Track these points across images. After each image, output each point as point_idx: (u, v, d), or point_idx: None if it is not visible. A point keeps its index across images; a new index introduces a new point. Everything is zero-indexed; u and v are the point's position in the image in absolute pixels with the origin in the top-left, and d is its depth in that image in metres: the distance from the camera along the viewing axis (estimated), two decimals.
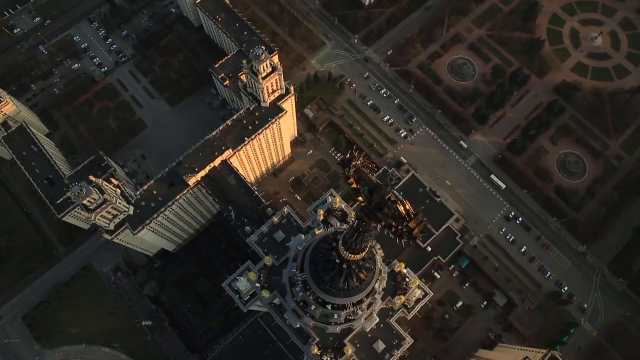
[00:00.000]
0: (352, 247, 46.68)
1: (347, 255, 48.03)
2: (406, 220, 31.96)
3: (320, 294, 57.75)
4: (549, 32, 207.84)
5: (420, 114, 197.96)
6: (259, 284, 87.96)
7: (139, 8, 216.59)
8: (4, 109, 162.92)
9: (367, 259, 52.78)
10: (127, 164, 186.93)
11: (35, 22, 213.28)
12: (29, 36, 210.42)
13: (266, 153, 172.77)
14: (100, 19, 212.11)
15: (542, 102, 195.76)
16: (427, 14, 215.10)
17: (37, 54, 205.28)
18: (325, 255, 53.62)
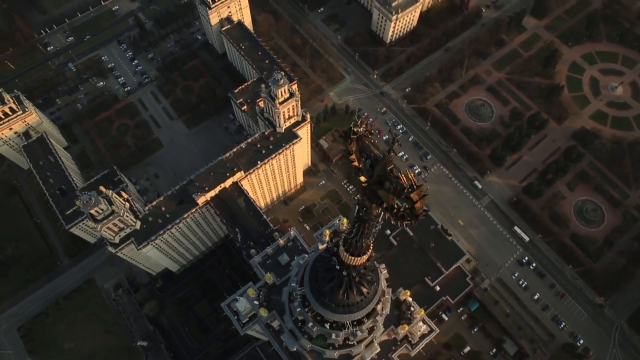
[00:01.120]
0: (353, 246, 44.46)
1: (348, 257, 45.75)
2: (409, 191, 29.99)
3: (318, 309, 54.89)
4: (568, 79, 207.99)
5: (435, 151, 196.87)
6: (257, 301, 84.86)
7: (167, 33, 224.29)
8: (27, 119, 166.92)
9: (368, 268, 50.28)
10: (140, 182, 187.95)
11: (68, 42, 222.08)
12: (60, 54, 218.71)
13: (278, 179, 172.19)
14: (129, 42, 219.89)
15: (559, 147, 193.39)
16: (447, 55, 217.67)
17: (66, 70, 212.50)
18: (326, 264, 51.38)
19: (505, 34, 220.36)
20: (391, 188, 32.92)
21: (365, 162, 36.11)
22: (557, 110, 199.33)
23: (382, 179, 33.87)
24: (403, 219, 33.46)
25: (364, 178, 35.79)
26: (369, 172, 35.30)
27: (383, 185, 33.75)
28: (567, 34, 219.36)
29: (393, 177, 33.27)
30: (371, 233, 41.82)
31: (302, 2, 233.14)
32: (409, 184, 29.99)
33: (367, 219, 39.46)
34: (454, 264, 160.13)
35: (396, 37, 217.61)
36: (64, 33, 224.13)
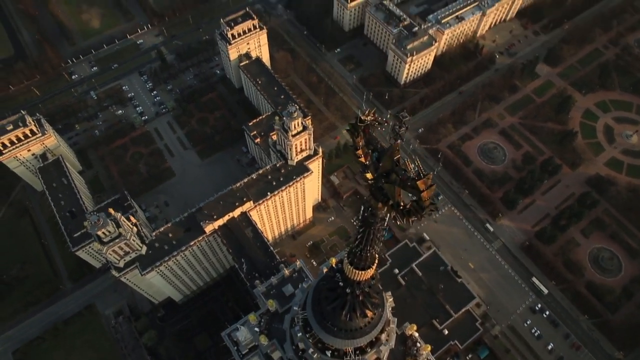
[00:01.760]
0: (357, 257, 42.88)
1: (353, 271, 44.06)
2: (415, 179, 28.87)
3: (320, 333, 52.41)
4: (582, 125, 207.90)
5: (447, 192, 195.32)
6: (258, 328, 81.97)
7: (187, 67, 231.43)
8: (45, 142, 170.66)
9: (373, 288, 48.23)
10: (150, 209, 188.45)
11: (92, 71, 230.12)
12: (84, 82, 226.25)
13: (287, 212, 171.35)
14: (150, 73, 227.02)
15: (573, 193, 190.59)
16: (461, 97, 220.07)
17: (87, 98, 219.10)
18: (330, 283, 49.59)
19: (519, 79, 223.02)
20: (397, 180, 31.99)
21: (372, 155, 35.39)
22: (570, 155, 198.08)
23: (389, 170, 33.00)
24: (409, 215, 32.31)
25: (371, 175, 34.98)
26: (376, 166, 34.51)
27: (389, 178, 32.86)
28: (580, 82, 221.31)
29: (399, 169, 32.42)
30: (377, 240, 40.47)
31: (320, 42, 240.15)
32: (415, 172, 29.10)
33: (372, 221, 38.29)
34: (463, 307, 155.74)
35: (410, 78, 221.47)
36: (89, 63, 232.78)
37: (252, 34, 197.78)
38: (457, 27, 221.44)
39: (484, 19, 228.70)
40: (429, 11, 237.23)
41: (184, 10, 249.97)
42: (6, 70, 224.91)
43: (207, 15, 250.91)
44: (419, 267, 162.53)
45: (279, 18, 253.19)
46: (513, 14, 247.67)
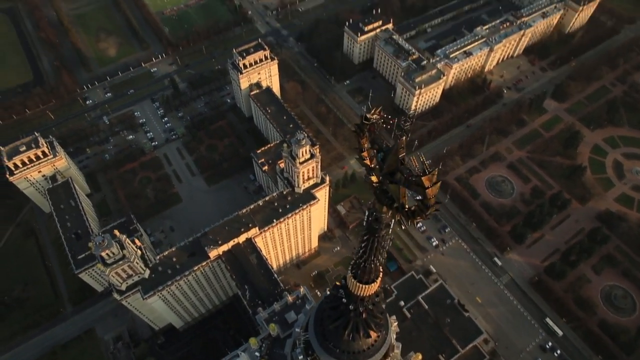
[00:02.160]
0: (362, 270, 41.76)
1: (356, 286, 42.84)
2: (419, 175, 28.20)
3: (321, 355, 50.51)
4: (590, 160, 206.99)
5: (454, 224, 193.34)
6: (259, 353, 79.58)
7: (199, 95, 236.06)
8: (56, 164, 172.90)
9: (377, 306, 46.78)
10: (155, 234, 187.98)
11: (106, 97, 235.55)
12: (97, 107, 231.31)
13: (292, 240, 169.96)
14: (162, 100, 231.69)
15: (583, 228, 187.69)
16: (468, 131, 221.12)
17: (100, 123, 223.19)
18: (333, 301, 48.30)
19: (526, 114, 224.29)
20: (402, 179, 31.48)
21: (377, 155, 35.03)
22: (579, 190, 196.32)
23: (394, 170, 32.56)
24: (414, 216, 31.59)
25: (375, 178, 34.52)
26: (381, 167, 34.10)
27: (394, 177, 32.37)
28: (588, 117, 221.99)
29: (405, 168, 31.98)
30: (381, 249, 39.56)
31: (330, 74, 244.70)
32: (420, 168, 28.62)
33: (377, 227, 37.53)
34: (470, 343, 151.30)
35: (418, 111, 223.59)
36: (104, 89, 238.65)
37: (264, 64, 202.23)
38: (465, 61, 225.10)
39: (492, 54, 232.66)
40: (437, 46, 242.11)
41: (198, 40, 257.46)
42: (24, 94, 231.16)
43: (220, 46, 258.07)
44: (425, 299, 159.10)
45: (290, 50, 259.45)
46: (520, 50, 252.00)
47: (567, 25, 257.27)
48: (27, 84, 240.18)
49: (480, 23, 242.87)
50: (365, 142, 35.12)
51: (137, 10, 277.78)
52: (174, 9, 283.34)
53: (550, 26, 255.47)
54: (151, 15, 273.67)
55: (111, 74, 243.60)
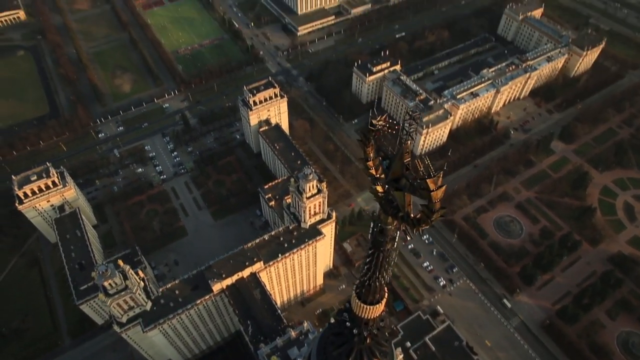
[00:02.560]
0: (366, 289, 40.43)
1: (361, 307, 41.40)
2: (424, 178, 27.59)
3: None
4: (600, 202, 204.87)
5: (461, 264, 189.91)
6: None
7: (208, 131, 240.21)
8: (65, 194, 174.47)
9: (382, 331, 44.96)
10: (159, 267, 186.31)
11: (118, 131, 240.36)
12: (109, 141, 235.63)
13: (297, 276, 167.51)
14: (173, 135, 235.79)
15: (595, 271, 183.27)
16: (476, 171, 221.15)
17: (110, 155, 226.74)
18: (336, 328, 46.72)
19: (534, 155, 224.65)
20: (407, 184, 31.03)
21: (382, 163, 34.76)
22: (590, 232, 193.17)
23: (399, 176, 32.17)
24: (419, 224, 30.89)
25: (381, 188, 34.14)
26: (386, 174, 33.75)
27: (399, 183, 31.93)
28: (596, 159, 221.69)
29: (410, 173, 31.61)
30: (386, 265, 38.50)
31: (338, 113, 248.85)
32: (425, 171, 28.18)
33: (382, 240, 36.73)
34: None
35: (425, 150, 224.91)
36: (116, 123, 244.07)
37: (273, 101, 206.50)
38: (472, 102, 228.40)
39: (498, 96, 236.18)
40: (444, 87, 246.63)
41: (210, 78, 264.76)
42: (39, 126, 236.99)
43: (231, 84, 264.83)
44: (432, 341, 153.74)
45: (299, 89, 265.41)
46: (526, 93, 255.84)
47: (572, 69, 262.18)
48: (43, 117, 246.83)
49: (486, 66, 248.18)
50: (371, 151, 35.20)
51: (153, 49, 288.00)
52: (189, 48, 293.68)
53: (555, 70, 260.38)
54: (166, 54, 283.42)
55: (124, 109, 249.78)
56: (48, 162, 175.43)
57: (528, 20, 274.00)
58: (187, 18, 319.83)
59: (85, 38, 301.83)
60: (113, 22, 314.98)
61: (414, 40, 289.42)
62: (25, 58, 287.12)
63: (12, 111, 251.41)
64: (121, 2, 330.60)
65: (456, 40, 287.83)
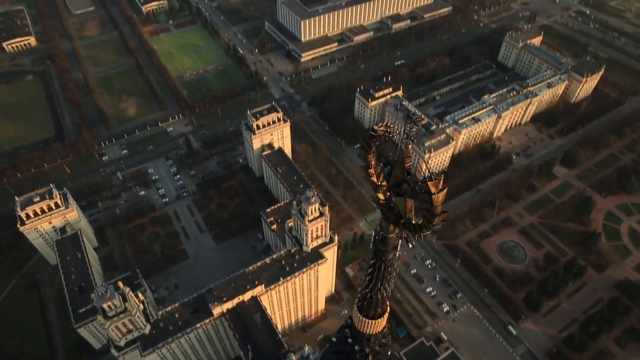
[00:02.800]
0: (368, 302, 39.71)
1: (362, 321, 40.58)
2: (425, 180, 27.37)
3: None
4: (605, 227, 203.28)
5: (465, 290, 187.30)
6: None
7: (211, 154, 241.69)
8: (67, 215, 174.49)
9: (384, 348, 43.87)
10: (159, 290, 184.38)
11: (122, 154, 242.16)
12: (112, 164, 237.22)
13: (299, 301, 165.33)
14: (176, 159, 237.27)
15: (602, 297, 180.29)
16: (478, 195, 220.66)
17: (114, 178, 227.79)
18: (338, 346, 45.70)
19: (536, 180, 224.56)
20: (409, 189, 30.92)
21: (384, 169, 34.73)
22: (595, 258, 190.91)
23: (400, 181, 32.06)
24: (421, 229, 30.59)
25: (382, 196, 34.03)
26: (387, 179, 33.69)
27: (401, 188, 31.80)
28: (599, 184, 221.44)
29: (411, 179, 31.52)
30: (388, 276, 37.91)
31: (340, 138, 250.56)
32: (426, 174, 28.08)
33: (384, 249, 36.33)
34: None
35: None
36: (120, 146, 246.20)
37: (276, 125, 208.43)
38: (474, 127, 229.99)
39: (500, 121, 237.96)
40: (445, 113, 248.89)
41: (214, 103, 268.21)
42: (44, 149, 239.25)
43: (235, 108, 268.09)
44: None
45: (302, 114, 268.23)
46: (528, 118, 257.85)
47: (573, 95, 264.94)
48: (48, 140, 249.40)
49: (487, 92, 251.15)
50: (372, 159, 35.36)
51: (159, 75, 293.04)
52: (194, 73, 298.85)
53: (555, 96, 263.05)
54: (171, 79, 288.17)
55: (129, 132, 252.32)
56: (51, 184, 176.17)
57: (528, 48, 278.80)
58: (192, 45, 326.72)
59: (93, 63, 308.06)
60: (120, 49, 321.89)
61: (415, 67, 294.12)
62: (33, 82, 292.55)
63: (19, 134, 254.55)
64: (129, 29, 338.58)
65: (457, 67, 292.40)
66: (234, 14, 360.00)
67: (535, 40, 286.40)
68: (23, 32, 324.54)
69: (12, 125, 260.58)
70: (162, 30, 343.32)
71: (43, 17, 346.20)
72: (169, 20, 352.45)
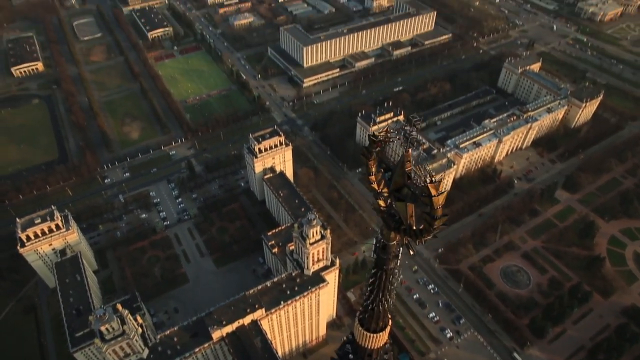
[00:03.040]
0: (369, 315, 38.91)
1: (364, 335, 39.68)
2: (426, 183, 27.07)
3: None
4: (609, 252, 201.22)
5: (469, 316, 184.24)
6: None
7: (213, 178, 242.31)
8: (68, 237, 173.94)
9: None
10: (158, 314, 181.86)
11: (124, 177, 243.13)
12: (114, 186, 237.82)
13: (300, 325, 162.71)
14: (178, 182, 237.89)
15: (609, 324, 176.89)
16: (480, 219, 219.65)
17: (115, 201, 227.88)
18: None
19: (539, 204, 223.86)
20: (409, 193, 30.71)
21: (384, 175, 34.63)
22: (600, 283, 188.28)
23: (400, 186, 31.87)
24: (422, 234, 30.24)
25: (383, 203, 33.86)
26: (388, 184, 33.53)
27: (401, 193, 31.58)
28: (602, 208, 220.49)
29: (411, 183, 31.33)
30: (390, 286, 37.34)
31: (342, 162, 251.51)
32: (426, 177, 27.91)
33: (385, 257, 35.88)
34: None
35: None
36: (123, 169, 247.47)
37: (278, 149, 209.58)
38: (475, 152, 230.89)
39: (501, 145, 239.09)
40: (446, 138, 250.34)
41: (217, 127, 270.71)
42: (47, 171, 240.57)
43: (238, 132, 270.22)
44: None
45: (304, 138, 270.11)
46: (528, 143, 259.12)
47: (572, 120, 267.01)
48: (51, 162, 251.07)
49: (487, 116, 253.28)
50: (373, 165, 35.47)
51: (162, 99, 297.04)
52: (197, 98, 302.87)
53: (556, 121, 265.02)
54: (175, 103, 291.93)
55: (132, 155, 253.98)
56: (53, 206, 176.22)
57: (527, 74, 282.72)
58: (196, 70, 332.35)
59: (98, 88, 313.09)
60: (125, 74, 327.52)
61: (416, 92, 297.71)
62: (39, 106, 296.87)
63: (23, 156, 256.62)
64: (134, 55, 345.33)
65: (457, 92, 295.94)
66: (237, 40, 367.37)
67: (534, 66, 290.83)
68: (31, 58, 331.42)
69: (17, 147, 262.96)
70: (166, 55, 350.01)
71: (51, 44, 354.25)
72: (174, 46, 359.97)
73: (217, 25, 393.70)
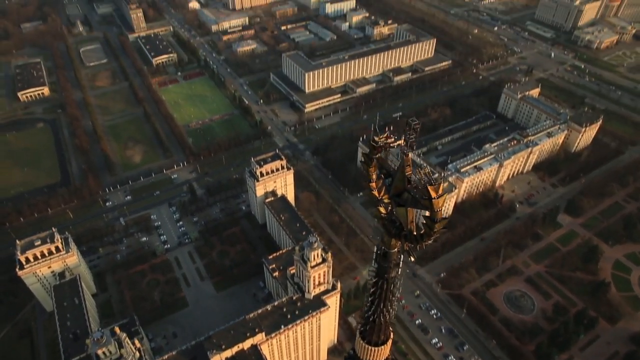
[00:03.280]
0: (371, 326, 38.05)
1: (365, 349, 38.74)
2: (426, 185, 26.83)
3: None
4: (614, 277, 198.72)
5: (472, 342, 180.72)
6: None
7: (215, 202, 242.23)
8: (67, 260, 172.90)
9: None
10: (157, 339, 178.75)
11: (126, 200, 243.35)
12: (115, 209, 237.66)
13: (300, 351, 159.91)
14: (179, 205, 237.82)
15: (617, 351, 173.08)
16: (483, 244, 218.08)
17: (116, 224, 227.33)
18: None
19: (541, 228, 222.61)
20: (409, 197, 30.52)
21: (385, 181, 34.49)
22: (606, 309, 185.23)
23: (401, 191, 31.69)
24: (422, 239, 29.93)
25: (384, 209, 33.68)
26: (388, 190, 33.37)
27: (402, 197, 31.39)
28: (605, 232, 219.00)
29: (411, 188, 31.18)
30: (391, 296, 36.67)
31: (343, 186, 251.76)
32: (426, 178, 27.82)
33: (386, 265, 35.39)
34: None
35: None
36: (124, 192, 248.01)
37: (280, 173, 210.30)
38: (476, 176, 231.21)
39: (502, 170, 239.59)
40: (448, 162, 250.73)
41: (219, 151, 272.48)
42: (49, 194, 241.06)
43: (239, 157, 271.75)
44: None
45: (306, 163, 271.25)
46: (529, 167, 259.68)
47: (573, 144, 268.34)
48: (54, 185, 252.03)
49: (488, 141, 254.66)
50: (374, 172, 35.53)
51: (165, 123, 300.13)
52: (200, 122, 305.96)
53: (556, 145, 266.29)
54: (178, 127, 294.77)
55: (134, 179, 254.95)
56: (54, 228, 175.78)
57: (527, 99, 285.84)
58: (199, 95, 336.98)
59: (102, 112, 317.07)
60: (130, 98, 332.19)
61: (417, 118, 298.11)
62: (44, 130, 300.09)
63: (25, 179, 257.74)
64: (139, 80, 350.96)
65: (458, 117, 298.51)
66: (240, 66, 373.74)
67: (533, 92, 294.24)
68: (38, 83, 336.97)
69: (20, 171, 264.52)
70: (170, 81, 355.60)
71: (58, 69, 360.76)
72: (178, 72, 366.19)
73: (220, 51, 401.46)
